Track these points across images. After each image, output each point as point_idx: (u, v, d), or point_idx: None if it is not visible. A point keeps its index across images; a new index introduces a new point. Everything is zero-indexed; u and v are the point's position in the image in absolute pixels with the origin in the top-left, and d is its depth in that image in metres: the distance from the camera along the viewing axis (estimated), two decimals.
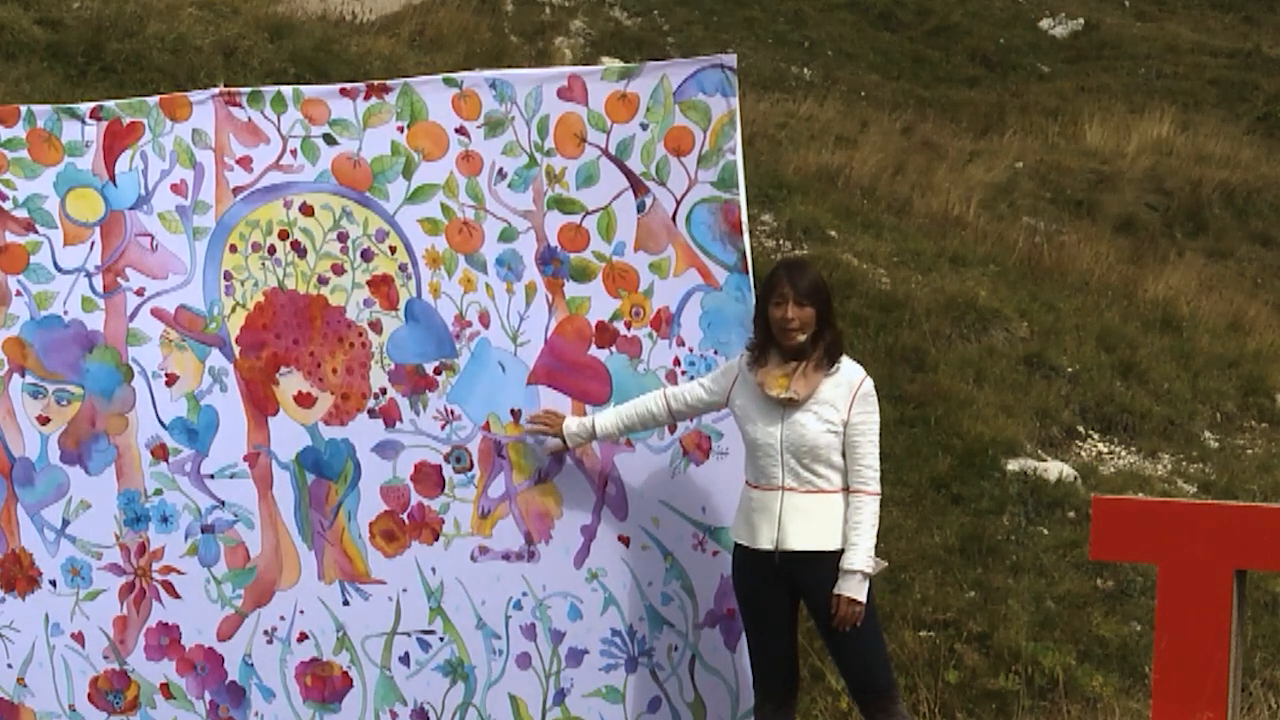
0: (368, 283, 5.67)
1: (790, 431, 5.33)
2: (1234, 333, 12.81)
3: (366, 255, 5.67)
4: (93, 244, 5.75)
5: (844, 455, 5.39)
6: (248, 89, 5.79)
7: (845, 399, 5.37)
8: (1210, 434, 10.96)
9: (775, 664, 5.47)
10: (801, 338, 5.35)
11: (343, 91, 5.72)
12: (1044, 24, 22.05)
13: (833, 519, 5.38)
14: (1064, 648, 7.89)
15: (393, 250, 5.65)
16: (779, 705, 5.49)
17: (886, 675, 5.50)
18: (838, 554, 5.37)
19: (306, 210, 5.68)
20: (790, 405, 5.33)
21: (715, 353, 5.57)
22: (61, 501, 5.76)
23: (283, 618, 5.72)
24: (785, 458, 5.32)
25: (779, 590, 5.40)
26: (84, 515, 5.75)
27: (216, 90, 5.80)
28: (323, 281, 5.69)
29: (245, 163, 5.71)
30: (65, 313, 5.75)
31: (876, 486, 5.45)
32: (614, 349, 5.61)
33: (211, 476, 5.72)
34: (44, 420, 5.76)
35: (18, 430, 5.76)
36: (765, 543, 5.36)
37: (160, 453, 5.73)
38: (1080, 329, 11.58)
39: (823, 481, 5.36)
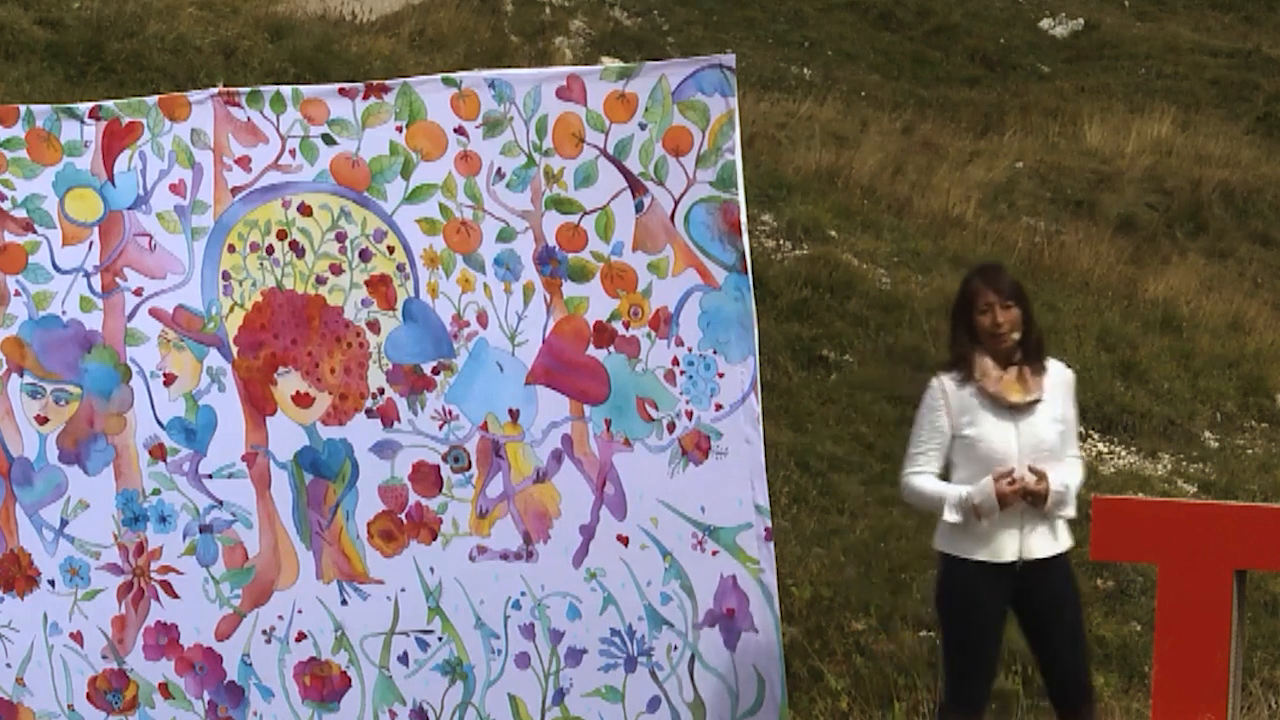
0: (366, 283, 5.67)
1: (1028, 436, 5.38)
2: (1234, 333, 12.82)
3: (364, 255, 5.67)
4: (91, 244, 5.75)
5: None
6: (246, 89, 5.79)
7: (1063, 394, 5.46)
8: (1210, 434, 10.96)
9: (987, 676, 5.53)
10: (1015, 338, 5.41)
11: (341, 91, 5.71)
12: (1044, 24, 22.03)
13: (1059, 518, 5.43)
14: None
15: (391, 250, 5.65)
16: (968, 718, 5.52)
17: (1091, 682, 5.56)
18: (1064, 554, 5.44)
19: (305, 210, 5.68)
20: (1025, 410, 5.36)
21: (714, 352, 5.56)
22: (60, 501, 5.76)
23: (281, 617, 5.72)
24: (1024, 464, 5.33)
25: (1009, 600, 5.45)
26: (82, 515, 5.75)
27: (215, 90, 5.80)
28: (321, 281, 5.68)
29: (244, 162, 5.71)
30: (64, 313, 5.75)
31: (1082, 458, 5.63)
32: (612, 349, 5.60)
33: (210, 476, 5.72)
34: (42, 420, 5.76)
35: (16, 430, 5.76)
36: (1008, 555, 5.38)
37: (158, 452, 5.73)
38: (1080, 329, 11.60)
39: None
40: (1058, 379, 5.51)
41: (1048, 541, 5.42)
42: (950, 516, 5.50)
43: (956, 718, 5.57)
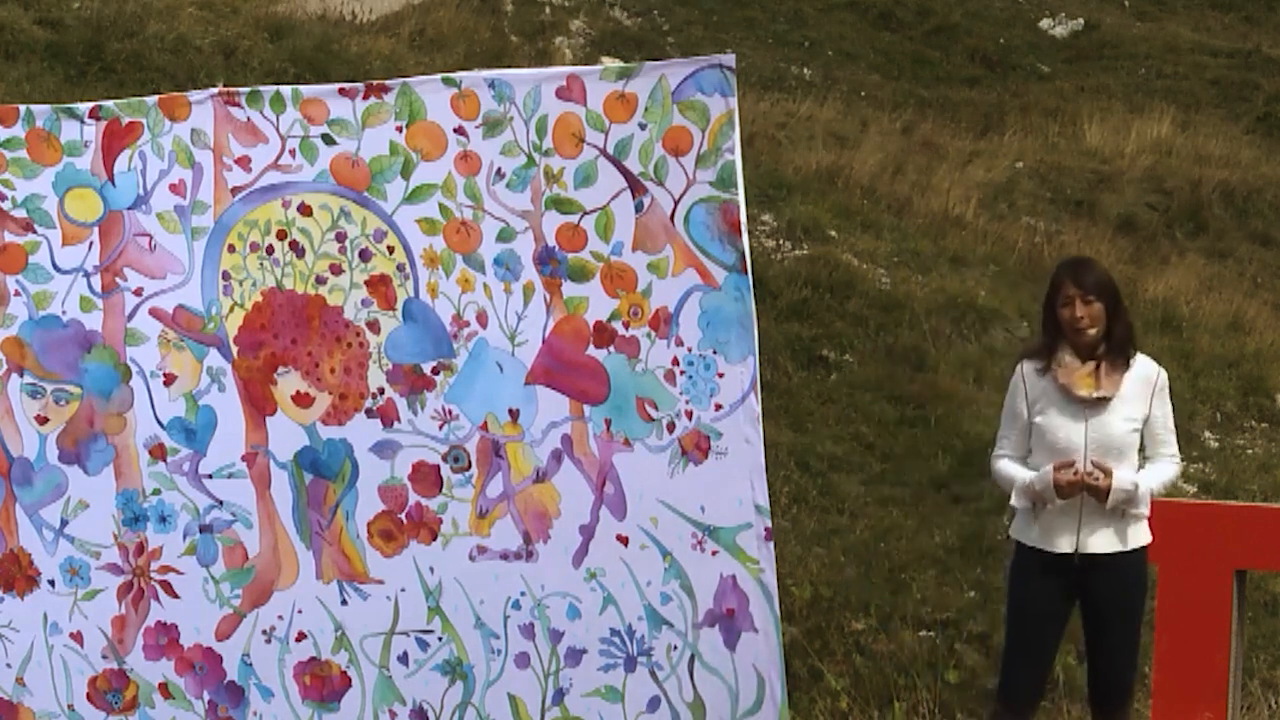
0: (366, 283, 5.67)
1: (1096, 432, 5.39)
2: (1234, 333, 12.84)
3: (364, 255, 5.67)
4: (91, 244, 5.75)
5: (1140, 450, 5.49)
6: (246, 89, 5.78)
7: (1145, 395, 5.47)
8: (1210, 434, 10.97)
9: (1036, 670, 5.54)
10: (1093, 333, 5.43)
11: (341, 91, 5.71)
12: (1044, 24, 22.03)
13: (1131, 517, 5.43)
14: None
15: (391, 250, 5.65)
16: (1018, 715, 5.51)
17: (1132, 688, 5.57)
18: (1133, 552, 5.43)
19: (305, 210, 5.68)
20: (1096, 405, 5.38)
21: (714, 352, 5.56)
22: (60, 501, 5.76)
23: (281, 617, 5.72)
24: (1089, 459, 5.35)
25: (1069, 594, 5.47)
26: (82, 515, 5.75)
27: (215, 90, 5.80)
28: (320, 281, 5.68)
29: (244, 162, 5.71)
30: (64, 313, 5.75)
31: (1179, 458, 5.59)
32: (612, 349, 5.60)
33: (210, 476, 5.72)
34: (42, 420, 5.76)
35: (16, 430, 5.76)
36: (1064, 546, 5.41)
37: (158, 452, 5.73)
38: None
39: None
40: (1141, 378, 5.48)
41: (1110, 538, 5.42)
42: (1014, 500, 5.58)
43: (999, 707, 5.58)
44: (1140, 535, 5.50)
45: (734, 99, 5.53)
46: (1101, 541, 5.41)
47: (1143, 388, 5.48)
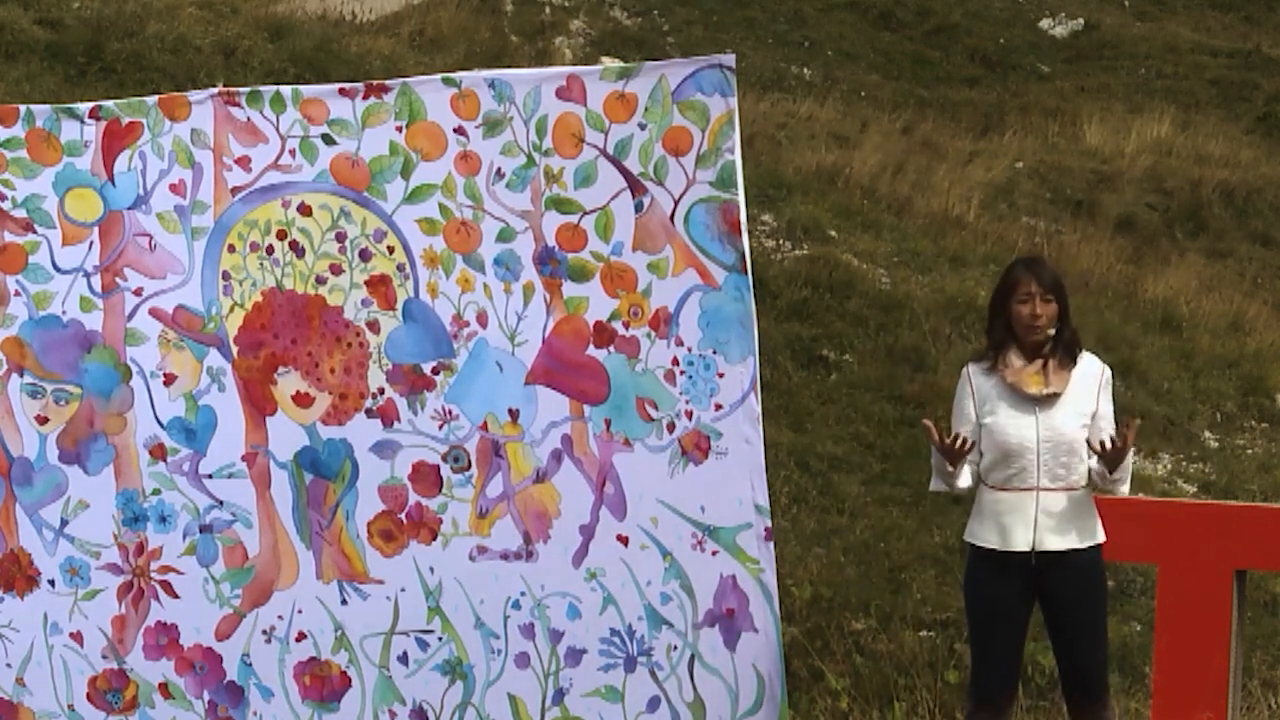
0: (366, 283, 5.67)
1: (1047, 429, 5.40)
2: (1234, 333, 12.84)
3: (364, 255, 5.67)
4: (91, 244, 5.75)
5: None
6: (246, 89, 5.79)
7: (1093, 390, 5.48)
8: (1210, 434, 10.97)
9: (1004, 669, 5.53)
10: (1050, 333, 5.43)
11: (341, 91, 5.71)
12: (1044, 24, 22.03)
13: (1087, 514, 5.49)
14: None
15: (390, 250, 5.65)
16: (995, 714, 5.51)
17: (1103, 680, 5.56)
18: (1089, 549, 5.44)
19: (305, 210, 5.68)
20: (1045, 403, 5.40)
21: (714, 352, 5.56)
22: (60, 501, 5.76)
23: (281, 617, 5.72)
24: (1042, 457, 5.36)
25: (1027, 592, 5.46)
26: (82, 515, 5.75)
27: (215, 90, 5.80)
28: (320, 281, 5.69)
29: (244, 162, 5.71)
30: (64, 313, 5.75)
31: None
32: (612, 349, 5.60)
33: (210, 476, 5.72)
34: (42, 420, 5.76)
35: (16, 430, 5.76)
36: (1020, 545, 5.41)
37: (158, 452, 5.73)
38: (1080, 329, 11.57)
39: (1075, 477, 5.45)
40: (1088, 374, 5.50)
41: (1066, 536, 5.43)
42: (933, 484, 5.62)
43: (974, 706, 5.58)
44: (1096, 533, 5.51)
45: (734, 99, 5.53)
46: (1058, 539, 5.41)
47: (1091, 383, 5.50)
